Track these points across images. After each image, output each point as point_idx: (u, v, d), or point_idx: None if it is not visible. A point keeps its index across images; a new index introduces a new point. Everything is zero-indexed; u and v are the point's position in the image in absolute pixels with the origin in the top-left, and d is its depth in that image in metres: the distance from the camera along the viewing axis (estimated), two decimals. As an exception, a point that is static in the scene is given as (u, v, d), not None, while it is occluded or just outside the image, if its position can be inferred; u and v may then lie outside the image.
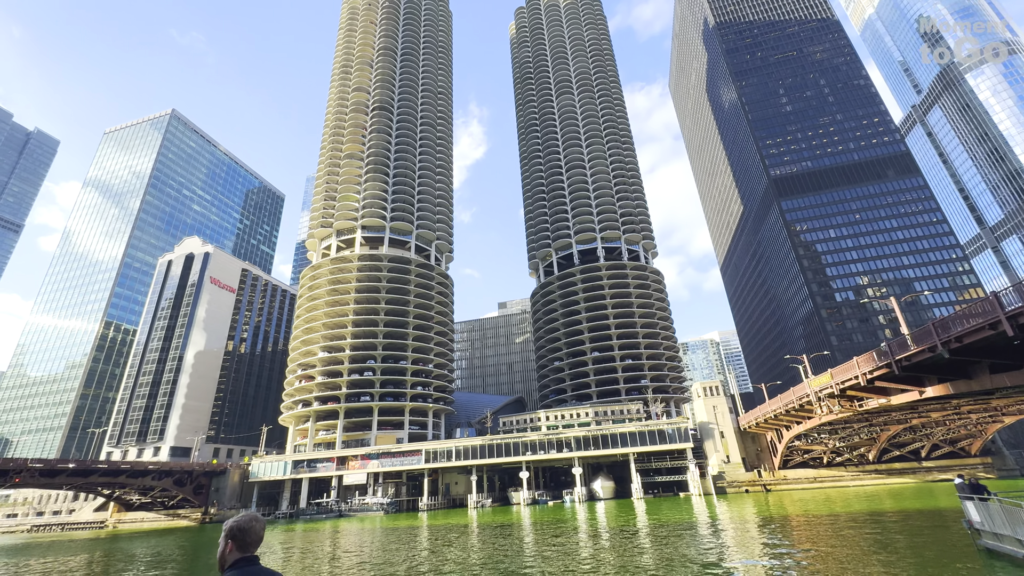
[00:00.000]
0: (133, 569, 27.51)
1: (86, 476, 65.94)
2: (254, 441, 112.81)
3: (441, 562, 22.08)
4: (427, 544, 29.95)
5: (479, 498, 72.52)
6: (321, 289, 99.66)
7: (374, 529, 44.16)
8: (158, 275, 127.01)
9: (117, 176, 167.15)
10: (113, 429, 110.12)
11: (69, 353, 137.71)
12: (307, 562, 25.69)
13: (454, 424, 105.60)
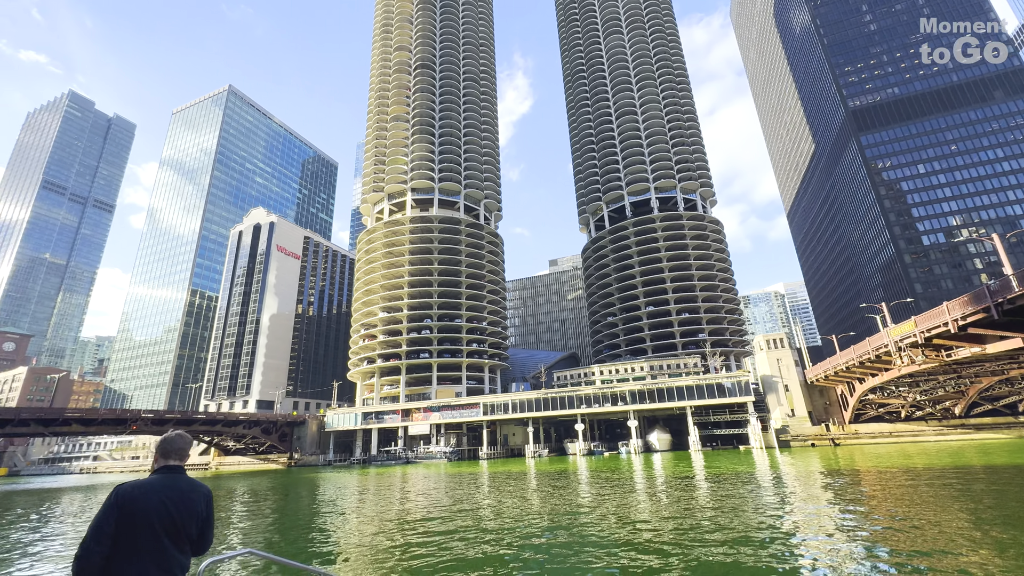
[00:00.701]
0: (236, 501, 31.36)
1: (189, 424, 74.80)
2: (327, 395, 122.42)
3: (504, 500, 23.29)
4: (489, 486, 31.66)
5: (536, 448, 75.21)
6: (377, 252, 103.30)
7: (439, 474, 47.17)
8: (231, 245, 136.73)
9: (188, 154, 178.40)
10: (207, 384, 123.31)
11: (165, 319, 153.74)
12: (383, 495, 28.17)
13: (509, 379, 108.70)
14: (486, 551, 13.21)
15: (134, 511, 2.58)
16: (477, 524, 17.58)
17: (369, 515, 22.03)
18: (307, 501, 30.18)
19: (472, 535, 15.45)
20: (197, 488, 2.93)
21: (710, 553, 11.32)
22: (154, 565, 2.57)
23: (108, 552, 2.50)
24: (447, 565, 11.87)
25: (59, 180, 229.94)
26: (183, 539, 2.76)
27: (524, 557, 12.43)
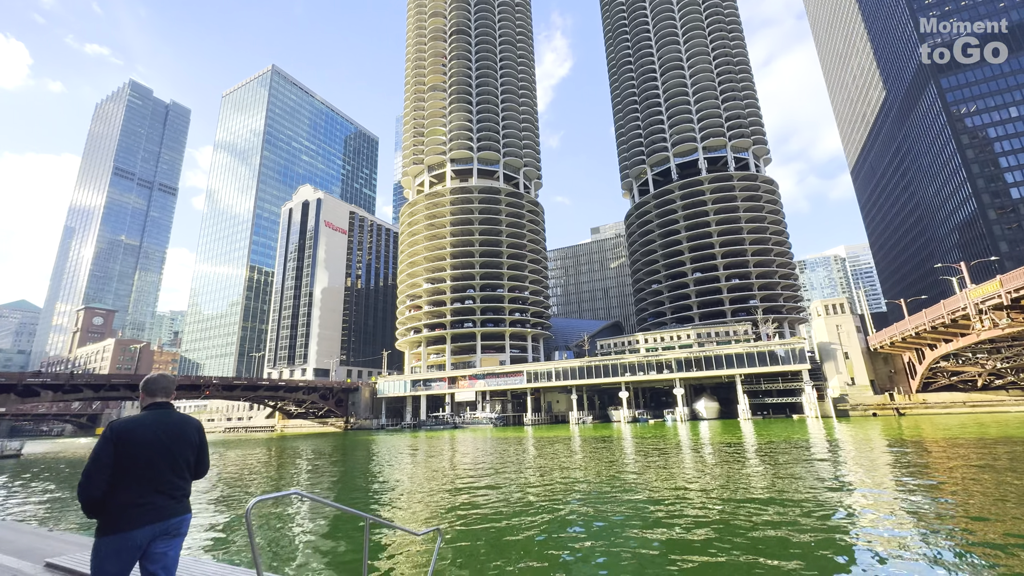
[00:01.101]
0: (302, 457, 33.88)
1: (255, 390, 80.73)
2: (377, 364, 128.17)
3: (548, 461, 23.77)
4: (534, 448, 32.39)
5: (580, 415, 75.94)
6: (419, 225, 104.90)
7: (485, 438, 48.71)
8: (282, 222, 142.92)
9: (239, 136, 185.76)
10: (268, 354, 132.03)
11: (228, 294, 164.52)
12: (433, 455, 29.60)
13: (552, 348, 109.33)
14: (529, 502, 13.54)
15: (128, 441, 2.85)
16: (521, 480, 18.04)
17: (421, 471, 23.12)
18: (364, 459, 32.05)
19: (516, 492, 15.86)
20: (188, 420, 3.21)
21: (761, 522, 11.04)
22: (151, 488, 2.85)
23: (108, 478, 2.77)
24: (491, 515, 12.28)
25: (127, 166, 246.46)
26: (179, 465, 3.04)
27: (565, 509, 12.64)
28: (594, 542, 9.64)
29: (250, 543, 3.09)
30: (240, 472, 27.12)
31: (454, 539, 9.84)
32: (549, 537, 10.17)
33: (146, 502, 2.83)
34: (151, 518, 2.81)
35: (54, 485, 23.85)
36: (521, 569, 8.25)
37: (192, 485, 3.20)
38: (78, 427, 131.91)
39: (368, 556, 8.71)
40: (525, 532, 10.47)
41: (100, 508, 2.77)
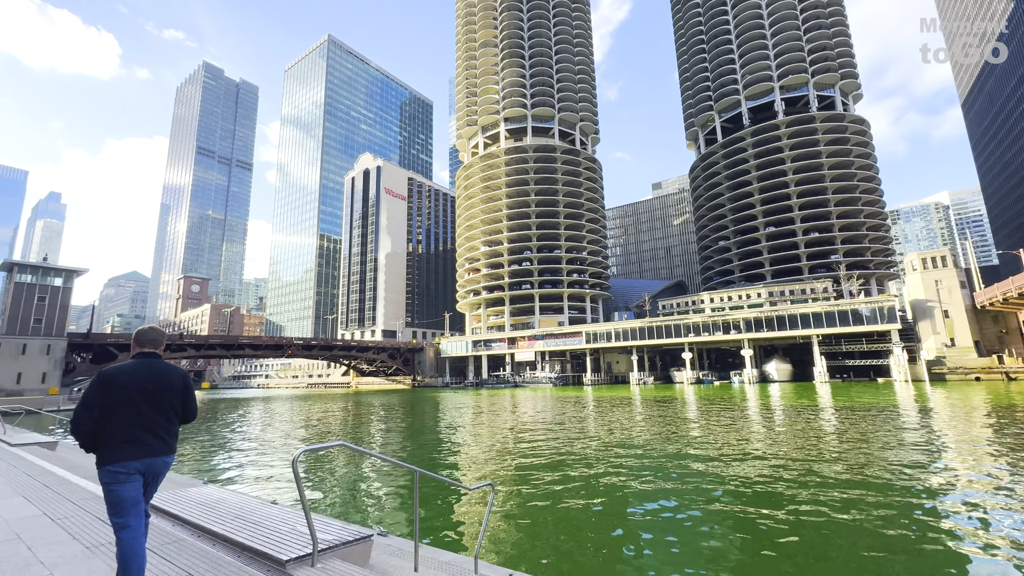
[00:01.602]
0: (375, 410, 36.57)
1: (330, 350, 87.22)
2: (440, 325, 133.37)
3: (608, 419, 23.82)
4: (593, 407, 32.61)
5: (640, 376, 75.13)
6: (475, 188, 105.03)
7: (545, 396, 49.71)
8: (346, 191, 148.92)
9: (303, 109, 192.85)
10: (340, 316, 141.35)
11: (302, 261, 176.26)
12: (495, 411, 30.81)
13: (612, 308, 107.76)
14: (589, 460, 13.64)
15: (114, 385, 3.15)
16: (581, 438, 18.20)
17: (484, 426, 24.09)
18: (431, 414, 33.91)
19: (576, 449, 16.02)
20: (173, 369, 3.47)
21: (837, 492, 10.36)
22: (136, 426, 3.15)
23: (95, 417, 3.10)
24: (550, 471, 12.50)
25: (208, 145, 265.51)
26: (164, 407, 3.31)
27: (626, 468, 12.59)
28: (655, 504, 9.52)
29: (299, 491, 3.22)
30: (321, 423, 29.66)
31: (510, 495, 10.06)
32: (608, 496, 10.18)
33: (134, 438, 3.12)
34: (139, 453, 3.11)
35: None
36: (577, 527, 8.34)
37: (180, 428, 3.47)
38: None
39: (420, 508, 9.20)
40: (584, 490, 10.55)
41: (93, 443, 3.11)
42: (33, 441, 11.16)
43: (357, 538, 3.77)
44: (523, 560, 6.59)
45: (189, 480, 8.34)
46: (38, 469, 7.41)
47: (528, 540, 7.45)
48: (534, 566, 6.32)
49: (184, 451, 18.57)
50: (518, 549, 7.07)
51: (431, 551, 5.01)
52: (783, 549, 6.99)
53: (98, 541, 3.95)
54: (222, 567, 3.27)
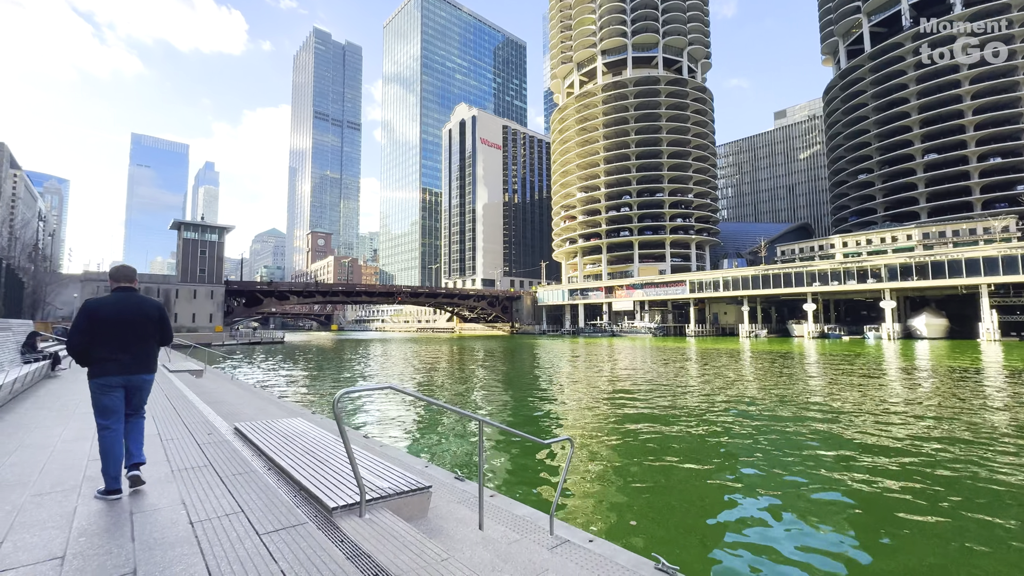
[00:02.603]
0: (475, 353, 38.50)
1: (434, 297, 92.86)
2: (537, 274, 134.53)
3: (714, 374, 22.10)
4: (696, 358, 30.63)
5: (752, 328, 69.11)
6: (570, 131, 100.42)
7: (644, 346, 48.05)
8: (444, 144, 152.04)
9: (402, 64, 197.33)
10: (443, 266, 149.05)
11: (408, 215, 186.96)
12: (591, 358, 30.52)
13: (720, 255, 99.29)
14: (688, 416, 12.58)
15: (96, 315, 3.68)
16: (681, 392, 17.01)
17: (580, 373, 23.84)
18: (528, 359, 34.60)
19: (674, 404, 14.97)
20: (150, 301, 3.97)
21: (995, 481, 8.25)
22: (118, 348, 3.69)
23: (86, 339, 3.64)
24: (645, 418, 11.74)
25: (322, 109, 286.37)
26: (141, 333, 3.82)
27: (730, 428, 11.35)
28: (763, 472, 8.38)
29: (342, 436, 2.90)
30: (431, 364, 31.80)
31: (597, 451, 9.46)
32: (709, 460, 9.21)
33: (116, 358, 3.67)
34: (120, 369, 3.67)
35: (303, 362, 31.47)
36: (670, 493, 7.58)
37: (159, 349, 4.05)
38: (319, 324, 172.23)
39: (500, 463, 8.98)
40: (681, 451, 9.67)
41: (86, 359, 3.67)
42: (185, 369, 13.15)
43: (412, 489, 3.45)
44: (605, 524, 6.05)
45: (287, 410, 9.02)
46: (176, 392, 8.51)
47: (613, 503, 6.84)
48: (618, 531, 5.75)
49: (312, 384, 20.94)
50: (600, 512, 6.51)
51: (505, 502, 4.64)
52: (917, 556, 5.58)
53: (184, 466, 4.14)
54: (274, 505, 3.13)
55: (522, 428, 11.46)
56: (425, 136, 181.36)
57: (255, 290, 72.63)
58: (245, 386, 13.45)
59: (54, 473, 3.99)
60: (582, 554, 3.45)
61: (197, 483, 3.64)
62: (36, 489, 3.55)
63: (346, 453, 3.07)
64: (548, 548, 3.48)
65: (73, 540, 2.66)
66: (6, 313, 20.28)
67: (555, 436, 9.21)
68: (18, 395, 8.01)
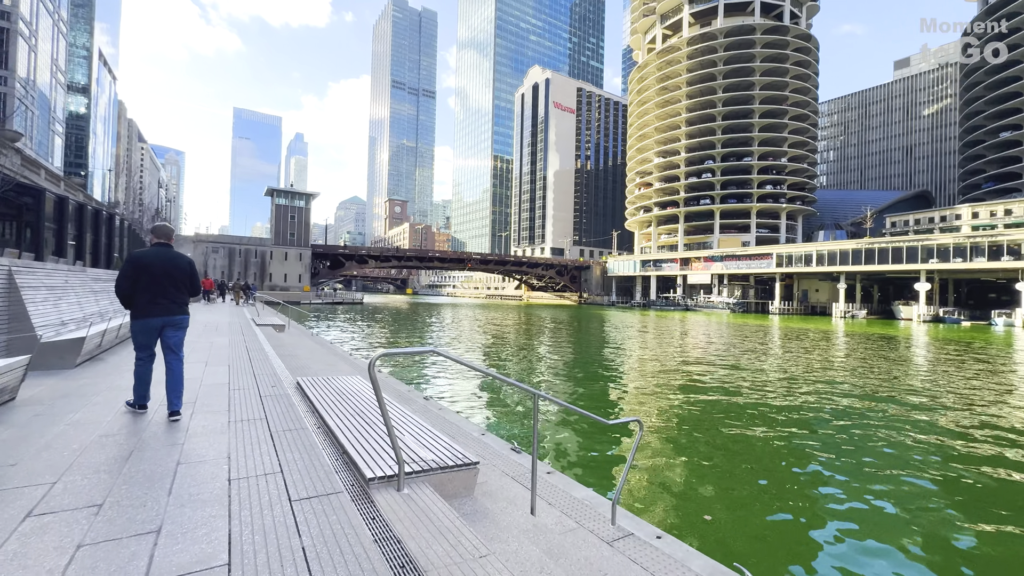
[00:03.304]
0: (542, 321, 38.44)
1: (503, 265, 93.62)
2: (607, 244, 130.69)
3: (802, 357, 20.09)
4: (783, 341, 28.13)
5: (848, 307, 62.40)
6: (650, 91, 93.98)
7: (721, 323, 45.18)
8: (516, 110, 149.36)
9: (477, 28, 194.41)
10: (513, 234, 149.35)
11: (479, 183, 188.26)
12: (661, 332, 29.15)
13: (814, 226, 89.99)
14: (771, 403, 11.41)
15: (139, 264, 4.23)
16: (763, 376, 15.59)
17: (652, 345, 22.82)
18: (596, 330, 33.88)
19: (756, 388, 13.71)
20: (182, 256, 4.53)
21: None
22: (159, 294, 4.27)
23: (130, 284, 4.20)
24: (722, 403, 10.81)
25: (399, 77, 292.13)
26: (177, 282, 4.39)
27: (820, 417, 10.09)
28: (859, 474, 7.30)
29: (379, 402, 2.61)
30: (497, 330, 32.19)
31: (668, 436, 8.76)
32: (795, 456, 8.23)
33: (156, 303, 4.25)
34: (159, 312, 4.28)
35: (379, 322, 33.19)
36: (748, 490, 6.83)
37: (188, 298, 4.61)
38: (395, 287, 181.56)
39: (561, 442, 8.49)
40: (763, 442, 8.74)
41: (129, 303, 4.24)
42: (270, 323, 14.11)
43: (458, 464, 3.13)
44: (675, 517, 5.47)
45: (354, 366, 9.21)
46: (256, 345, 9.02)
47: (684, 494, 6.20)
48: (689, 527, 5.17)
49: (386, 342, 21.90)
50: (669, 502, 5.92)
51: (562, 481, 4.24)
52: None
53: (241, 417, 4.17)
54: (314, 468, 2.96)
55: (586, 405, 11.02)
56: (498, 102, 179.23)
57: (338, 254, 77.46)
58: (321, 342, 14.19)
59: (125, 416, 4.18)
60: (649, 553, 2.96)
61: (248, 437, 3.60)
62: (104, 430, 3.71)
63: (384, 421, 2.78)
64: (608, 542, 3.04)
65: (116, 488, 2.63)
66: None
67: (621, 415, 8.66)
68: (124, 340, 8.89)
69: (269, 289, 62.82)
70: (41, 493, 2.54)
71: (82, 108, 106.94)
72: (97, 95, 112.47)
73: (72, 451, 3.16)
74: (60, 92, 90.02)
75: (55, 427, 3.72)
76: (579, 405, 10.57)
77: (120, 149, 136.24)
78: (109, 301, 9.66)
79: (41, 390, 4.90)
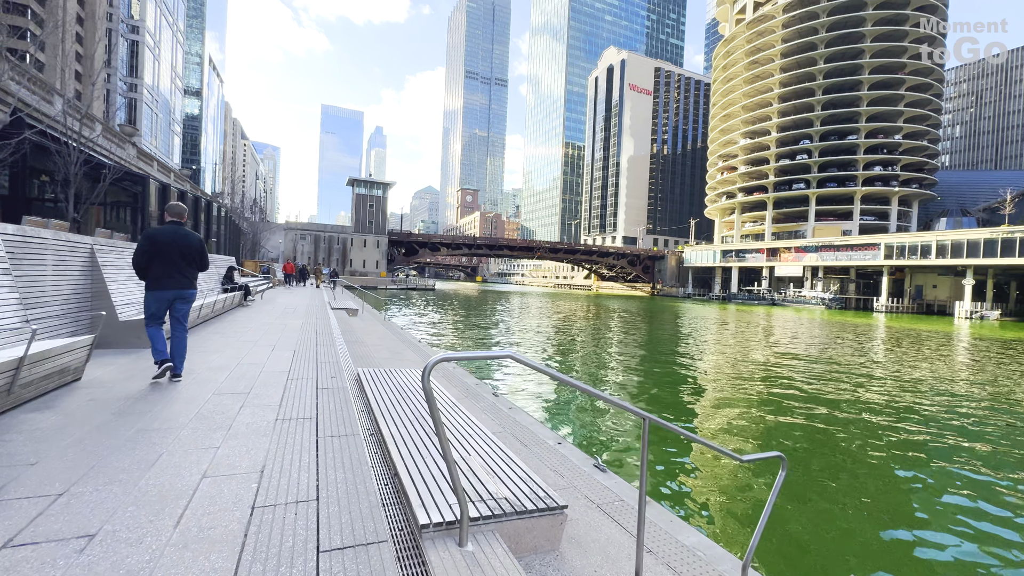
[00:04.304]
0: (613, 313, 36.91)
1: (572, 254, 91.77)
2: (683, 233, 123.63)
3: (935, 367, 17.13)
4: (902, 343, 24.44)
5: (975, 307, 53.71)
6: (737, 65, 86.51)
7: (814, 320, 40.67)
8: (589, 94, 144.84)
9: (551, 13, 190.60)
10: (583, 222, 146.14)
11: (550, 171, 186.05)
12: (742, 329, 26.54)
13: (934, 213, 78.67)
14: (923, 415, 9.49)
15: (154, 240, 4.51)
16: (895, 390, 13.31)
17: (745, 345, 20.75)
18: (670, 325, 31.79)
19: (890, 406, 11.66)
20: (193, 234, 4.76)
21: None
22: (172, 268, 4.57)
23: (146, 258, 4.49)
24: (864, 421, 9.14)
25: (472, 67, 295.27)
26: (188, 259, 4.68)
27: (993, 438, 8.13)
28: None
29: (434, 423, 1.87)
30: (567, 321, 31.27)
31: (797, 464, 7.32)
32: (971, 498, 6.62)
33: (168, 276, 4.55)
34: (171, 285, 4.57)
35: (450, 309, 33.56)
36: (908, 547, 5.46)
37: (199, 273, 4.90)
38: (466, 275, 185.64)
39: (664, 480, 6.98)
40: (926, 477, 7.13)
41: (144, 275, 4.55)
42: (344, 307, 14.30)
43: (539, 509, 2.33)
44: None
45: (423, 355, 8.72)
46: (326, 329, 8.89)
47: (826, 548, 4.92)
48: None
49: (457, 329, 21.83)
50: (806, 558, 4.67)
51: (668, 520, 3.30)
52: None
53: (290, 415, 3.70)
54: (357, 496, 2.32)
55: (686, 421, 9.84)
56: (570, 88, 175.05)
57: (412, 241, 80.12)
58: (391, 327, 14.16)
59: (173, 407, 3.86)
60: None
61: (291, 442, 3.07)
62: (145, 423, 3.36)
63: (440, 449, 2.06)
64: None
65: (120, 512, 2.14)
66: (227, 251, 24.98)
67: (727, 435, 7.38)
68: (219, 314, 9.13)
69: (349, 274, 66.43)
70: (38, 509, 2.11)
71: (195, 110, 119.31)
72: (208, 98, 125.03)
73: (99, 455, 2.78)
74: (178, 96, 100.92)
75: (100, 416, 3.45)
76: (681, 422, 9.46)
77: (226, 146, 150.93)
78: (197, 282, 10.07)
79: (111, 370, 4.83)
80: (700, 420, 9.23)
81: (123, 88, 74.60)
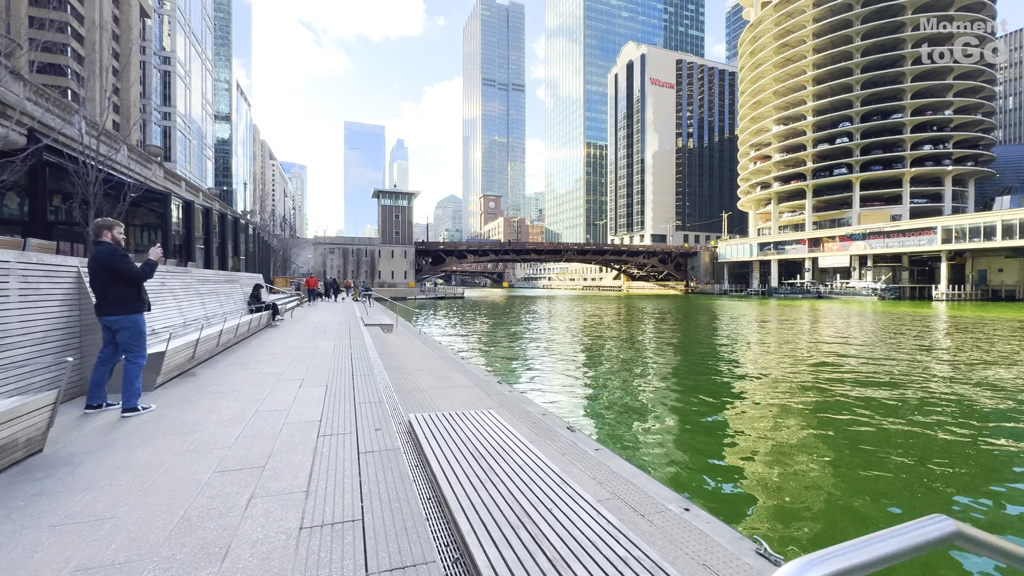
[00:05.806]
0: (648, 312, 34.98)
1: (601, 254, 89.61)
2: (715, 227, 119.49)
3: (989, 356, 14.80)
4: (976, 337, 21.81)
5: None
6: (766, 50, 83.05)
7: (866, 312, 37.61)
8: (609, 92, 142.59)
9: (566, 14, 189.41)
10: (609, 222, 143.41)
11: (572, 172, 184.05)
12: (786, 326, 24.26)
13: (992, 192, 73.09)
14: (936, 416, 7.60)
15: (88, 266, 4.20)
16: (923, 374, 11.27)
17: (772, 343, 18.72)
18: (706, 325, 29.70)
19: (915, 389, 9.72)
20: (103, 251, 4.20)
21: None
22: (96, 292, 4.17)
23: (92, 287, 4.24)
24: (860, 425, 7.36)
25: (489, 75, 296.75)
26: (101, 278, 4.18)
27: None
28: None
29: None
30: (604, 323, 29.62)
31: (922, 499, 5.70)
32: None
33: (96, 300, 4.19)
34: (97, 310, 4.20)
35: (482, 317, 32.42)
36: None
37: (125, 291, 4.25)
38: (492, 281, 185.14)
39: None
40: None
41: None
42: (378, 323, 13.23)
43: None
44: None
45: (474, 378, 7.27)
46: (361, 353, 7.72)
47: None
48: None
49: (496, 341, 20.57)
50: None
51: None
52: None
53: (322, 514, 2.43)
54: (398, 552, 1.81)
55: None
56: (589, 87, 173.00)
57: (439, 250, 79.78)
58: (431, 343, 12.98)
59: (141, 511, 2.64)
60: None
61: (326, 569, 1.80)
62: (85, 558, 2.13)
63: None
64: None
65: None
66: (256, 268, 24.50)
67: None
68: (243, 339, 8.11)
69: (378, 286, 66.37)
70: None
71: (225, 134, 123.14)
72: (236, 122, 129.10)
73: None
74: (209, 122, 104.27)
75: (25, 537, 2.24)
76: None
77: (256, 167, 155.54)
78: (219, 303, 9.08)
79: (86, 434, 3.67)
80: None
81: (158, 117, 77.36)
